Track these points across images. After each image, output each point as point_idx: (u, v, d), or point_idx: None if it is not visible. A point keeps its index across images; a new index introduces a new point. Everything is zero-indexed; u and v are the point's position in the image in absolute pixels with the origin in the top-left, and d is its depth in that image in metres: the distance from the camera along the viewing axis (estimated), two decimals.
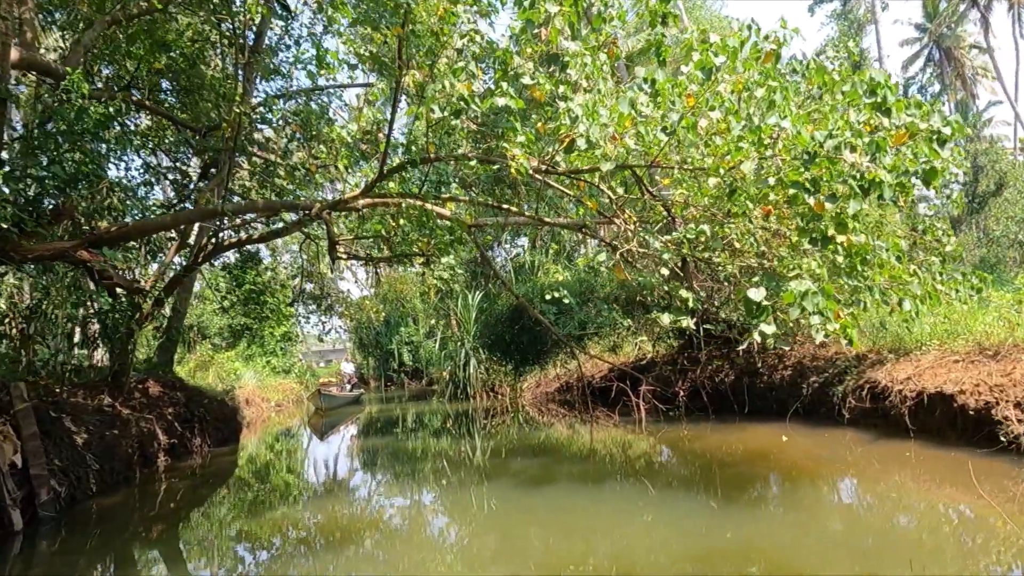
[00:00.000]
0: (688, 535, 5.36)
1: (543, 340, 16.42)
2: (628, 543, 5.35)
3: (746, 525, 5.33)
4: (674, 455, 8.68)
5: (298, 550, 5.95)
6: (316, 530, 6.55)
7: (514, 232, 24.66)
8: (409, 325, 35.42)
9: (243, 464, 11.37)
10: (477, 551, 5.69)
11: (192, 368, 26.05)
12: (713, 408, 11.37)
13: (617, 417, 12.11)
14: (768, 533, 5.14)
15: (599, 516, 6.05)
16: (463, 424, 15.38)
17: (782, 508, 5.96)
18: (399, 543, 6.00)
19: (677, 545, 5.21)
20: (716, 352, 12.00)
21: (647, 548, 5.20)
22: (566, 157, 8.06)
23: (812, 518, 5.56)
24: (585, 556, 5.06)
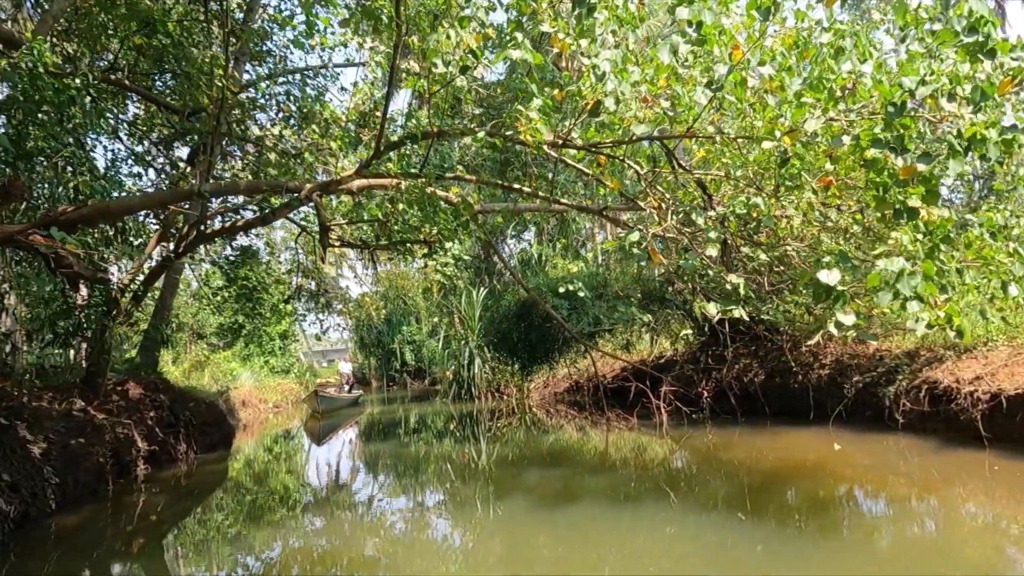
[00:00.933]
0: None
1: (552, 338, 15.49)
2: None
3: (811, 561, 4.40)
4: (707, 466, 7.71)
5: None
6: (304, 557, 5.63)
7: (520, 226, 23.74)
8: (411, 324, 34.52)
9: (232, 472, 10.45)
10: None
11: (187, 368, 25.18)
12: (741, 411, 10.44)
13: (636, 420, 11.18)
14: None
15: (630, 546, 5.12)
16: (467, 426, 14.47)
17: (857, 540, 5.02)
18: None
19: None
20: (744, 350, 11.06)
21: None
22: (583, 133, 7.15)
23: (894, 553, 4.62)
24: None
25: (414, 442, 12.18)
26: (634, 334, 16.16)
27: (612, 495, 6.52)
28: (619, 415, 11.93)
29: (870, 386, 8.57)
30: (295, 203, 7.91)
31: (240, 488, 9.07)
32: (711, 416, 10.81)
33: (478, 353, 19.38)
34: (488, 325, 19.35)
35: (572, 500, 6.44)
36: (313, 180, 8.66)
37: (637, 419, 11.22)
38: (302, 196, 7.79)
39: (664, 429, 10.50)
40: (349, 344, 46.72)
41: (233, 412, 20.24)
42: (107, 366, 10.27)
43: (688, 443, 9.28)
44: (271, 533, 6.48)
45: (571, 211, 17.17)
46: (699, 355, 11.90)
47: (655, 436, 10.17)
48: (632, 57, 5.73)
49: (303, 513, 7.47)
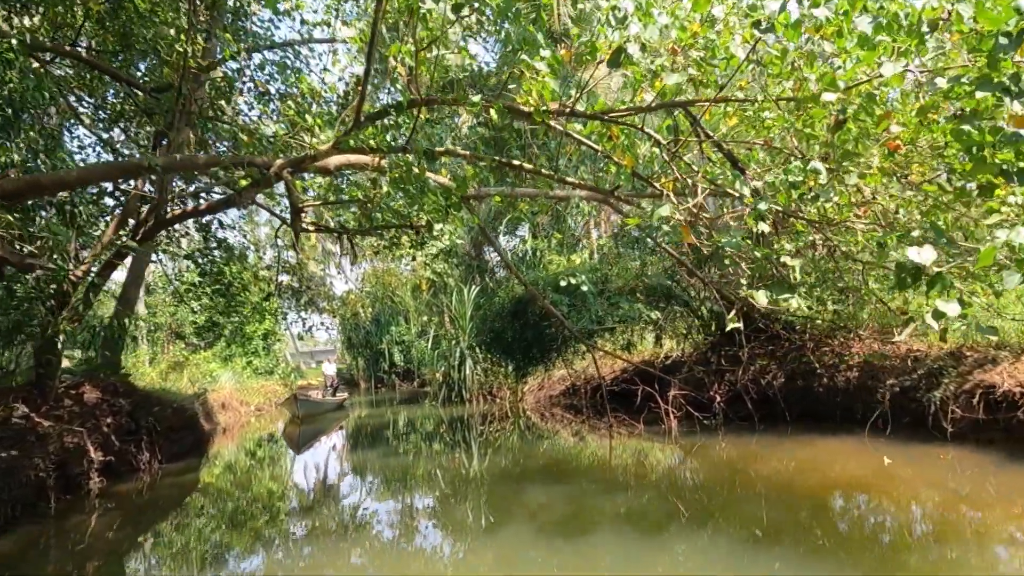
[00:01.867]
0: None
1: (549, 337, 14.56)
2: None
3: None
4: (730, 483, 6.73)
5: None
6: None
7: (512, 223, 22.80)
8: (400, 324, 33.48)
9: (199, 485, 9.42)
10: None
11: (164, 369, 24.05)
12: (759, 416, 9.55)
13: (642, 426, 10.25)
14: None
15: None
16: (458, 432, 13.51)
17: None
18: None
19: None
20: (759, 350, 10.17)
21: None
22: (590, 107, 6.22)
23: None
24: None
25: (401, 450, 11.19)
26: (635, 333, 15.24)
27: (626, 518, 5.59)
28: (622, 420, 11.01)
29: (909, 390, 7.69)
30: (263, 181, 6.93)
31: (203, 505, 8.06)
32: (724, 422, 9.92)
33: (469, 354, 18.41)
34: (480, 324, 18.39)
35: (576, 522, 5.49)
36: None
37: (644, 425, 10.31)
38: (271, 174, 6.81)
39: (674, 436, 9.59)
40: (337, 344, 45.64)
41: (211, 415, 19.16)
42: (58, 367, 9.23)
43: (702, 453, 8.36)
44: (234, 561, 5.51)
45: (569, 203, 16.24)
46: (709, 356, 11.00)
47: (664, 444, 9.24)
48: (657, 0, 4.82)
49: (270, 538, 6.48)
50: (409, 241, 11.10)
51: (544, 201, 8.88)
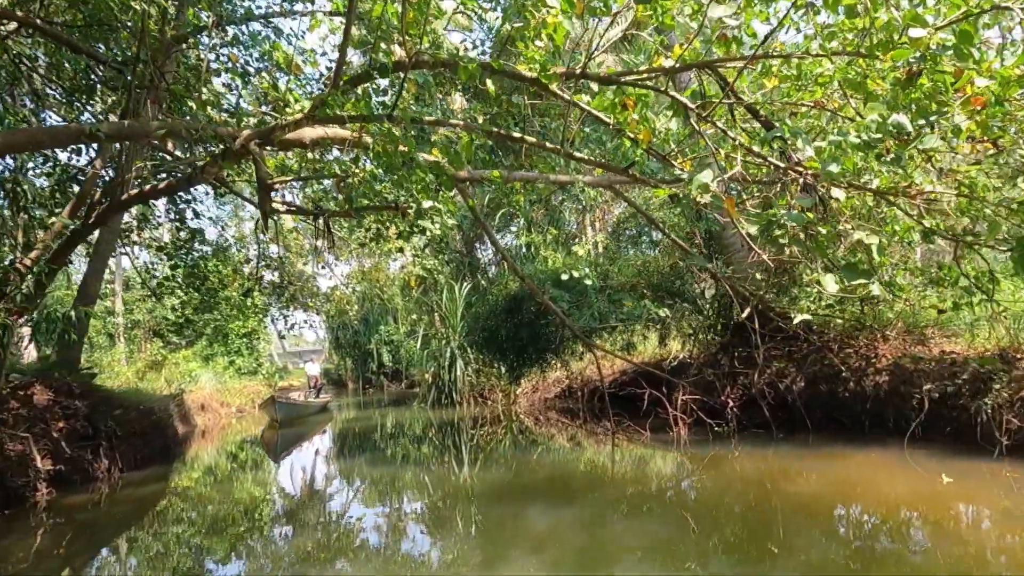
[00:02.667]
0: None
1: (546, 337, 13.73)
2: None
3: None
4: (777, 509, 5.88)
5: None
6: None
7: (505, 219, 21.95)
8: (389, 323, 32.57)
9: (162, 497, 8.50)
10: None
11: (140, 369, 23.02)
12: (777, 423, 8.77)
13: (648, 433, 9.44)
14: None
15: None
16: (447, 436, 12.65)
17: None
18: None
19: None
20: (777, 351, 9.37)
21: None
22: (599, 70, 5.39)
23: None
24: None
25: (386, 459, 10.31)
26: (635, 333, 14.44)
27: (651, 555, 4.75)
28: (626, 426, 10.19)
29: (950, 397, 6.91)
30: (227, 155, 6.05)
31: (161, 521, 7.15)
32: (738, 429, 9.12)
33: (460, 354, 17.54)
34: (472, 323, 17.55)
35: (591, 559, 4.65)
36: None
37: (650, 432, 9.49)
38: (236, 146, 5.94)
39: (683, 445, 8.78)
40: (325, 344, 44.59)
41: (188, 417, 18.22)
42: (2, 366, 8.30)
43: (718, 466, 7.54)
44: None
45: (569, 190, 15.37)
46: (719, 357, 10.19)
47: (673, 453, 8.44)
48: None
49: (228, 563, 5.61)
50: (396, 231, 10.24)
51: (545, 187, 8.04)
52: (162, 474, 9.98)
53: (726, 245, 10.01)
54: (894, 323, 8.82)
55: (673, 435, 9.25)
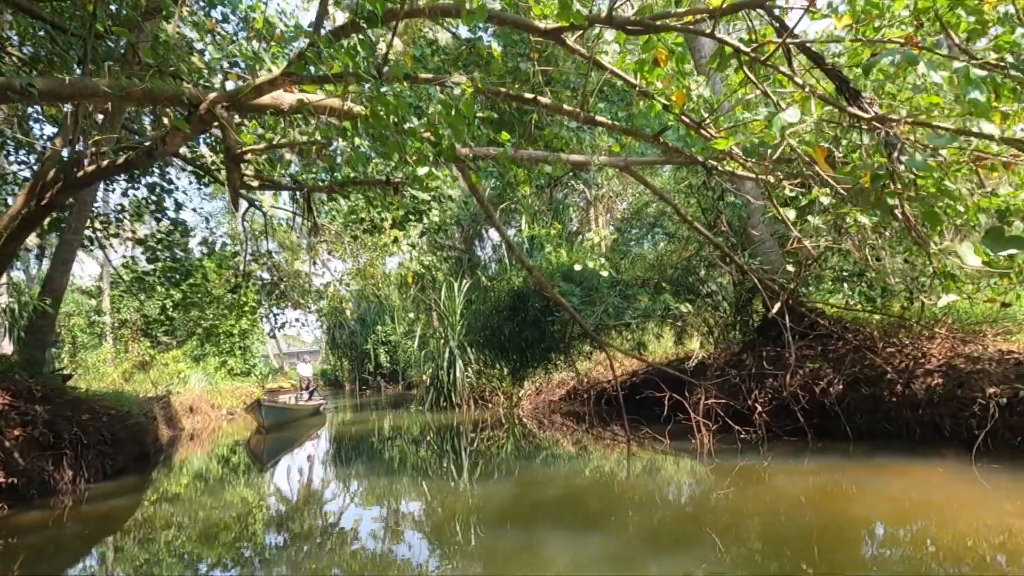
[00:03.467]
0: None
1: (551, 335, 12.85)
2: None
3: None
4: (848, 543, 4.98)
5: None
6: None
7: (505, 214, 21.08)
8: (387, 323, 31.75)
9: (130, 513, 7.61)
10: None
11: (127, 370, 22.15)
12: (813, 430, 7.91)
13: (668, 441, 8.57)
14: None
15: None
16: (446, 442, 11.79)
17: None
18: None
19: None
20: (809, 350, 8.51)
21: None
22: None
23: None
24: None
25: (379, 470, 9.44)
26: (646, 332, 13.58)
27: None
28: (644, 432, 9.33)
29: (1021, 402, 6.05)
30: (192, 122, 5.18)
31: (120, 545, 6.27)
32: (767, 437, 8.26)
33: (459, 354, 16.68)
34: (472, 322, 16.68)
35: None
36: None
37: (670, 439, 8.62)
38: (201, 111, 5.07)
39: (706, 454, 7.91)
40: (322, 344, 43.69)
41: (174, 420, 17.37)
42: None
43: (750, 479, 6.67)
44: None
45: (579, 178, 14.43)
46: (744, 357, 9.33)
47: (696, 464, 7.57)
48: None
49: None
50: (391, 221, 9.39)
51: (557, 167, 7.17)
52: (135, 485, 9.11)
53: (751, 235, 9.15)
54: (941, 318, 7.97)
55: (696, 443, 8.38)
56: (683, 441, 8.65)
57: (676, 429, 8.81)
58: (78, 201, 9.28)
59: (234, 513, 7.11)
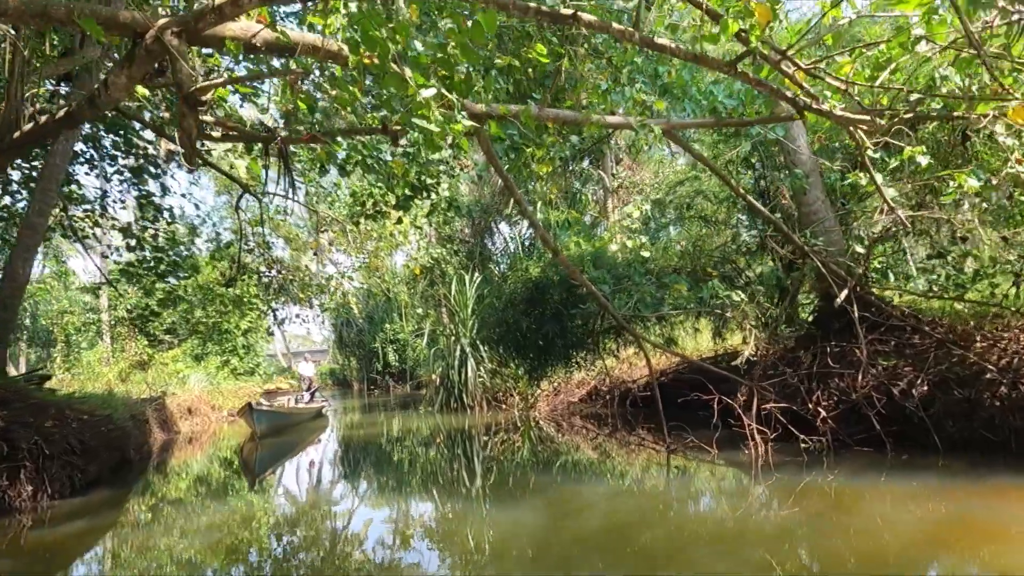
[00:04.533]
0: None
1: (573, 330, 11.66)
2: None
3: None
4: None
5: None
6: None
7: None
8: (395, 321, 30.67)
9: (93, 540, 6.49)
10: None
11: (124, 370, 21.18)
12: (892, 440, 6.69)
13: (716, 450, 7.37)
14: None
15: None
16: (457, 446, 10.68)
17: None
18: None
19: None
20: (882, 346, 7.28)
21: None
22: None
23: None
24: None
25: (382, 485, 8.31)
26: (676, 326, 12.39)
27: None
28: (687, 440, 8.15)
29: None
30: (135, 58, 4.05)
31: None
32: (834, 446, 7.06)
33: (471, 352, 15.54)
34: (485, 318, 15.53)
35: None
36: None
37: (717, 448, 7.42)
38: (148, 40, 3.94)
39: (761, 466, 6.73)
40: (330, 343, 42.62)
41: (169, 423, 16.33)
42: None
43: (826, 503, 5.47)
44: None
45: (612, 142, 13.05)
46: (800, 354, 8.10)
47: (753, 480, 6.39)
48: None
49: None
50: (395, 199, 8.24)
51: (592, 128, 5.99)
52: (104, 503, 7.98)
53: (808, 213, 7.93)
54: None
55: (749, 453, 7.19)
56: (733, 451, 7.47)
57: (722, 436, 7.62)
58: (43, 178, 8.21)
59: (207, 542, 5.98)
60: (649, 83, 6.69)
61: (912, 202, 6.18)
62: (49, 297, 23.76)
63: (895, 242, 7.57)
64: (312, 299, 13.62)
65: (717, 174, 6.96)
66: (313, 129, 4.56)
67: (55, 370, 19.15)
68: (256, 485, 8.63)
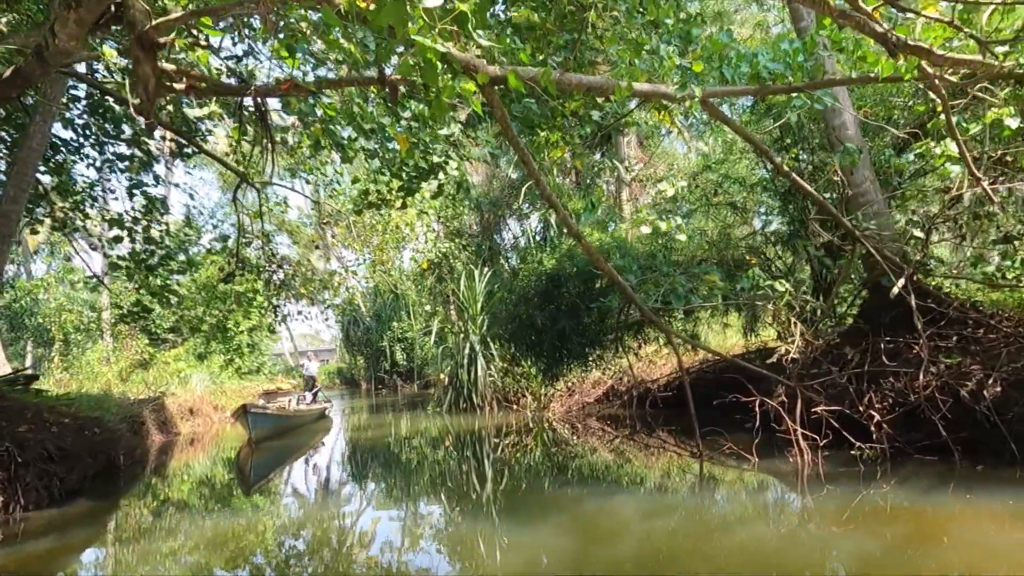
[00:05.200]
0: None
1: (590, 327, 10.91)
2: None
3: None
4: None
5: None
6: None
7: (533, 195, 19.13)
8: (403, 319, 30.03)
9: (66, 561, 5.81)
10: None
11: (124, 369, 20.60)
12: (961, 448, 5.92)
13: (756, 459, 6.62)
14: None
15: None
16: (467, 451, 9.98)
17: None
18: None
19: None
20: (941, 340, 6.50)
21: None
22: None
23: None
24: None
25: (386, 496, 7.61)
26: (700, 322, 11.64)
27: None
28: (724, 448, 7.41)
29: None
30: None
31: None
32: (889, 454, 6.29)
33: (482, 350, 14.83)
34: (495, 314, 14.82)
35: None
36: None
37: (757, 456, 6.66)
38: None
39: (807, 478, 5.98)
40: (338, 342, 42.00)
41: (168, 425, 15.73)
42: None
43: (900, 529, 4.72)
44: None
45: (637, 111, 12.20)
46: (846, 351, 7.31)
47: (801, 495, 5.64)
48: None
49: None
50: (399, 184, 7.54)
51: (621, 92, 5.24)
52: (84, 514, 7.29)
53: (856, 195, 7.16)
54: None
55: (794, 462, 6.43)
56: (773, 458, 6.72)
57: (760, 440, 6.86)
58: (18, 162, 7.56)
59: (188, 566, 5.27)
60: (681, 46, 5.97)
61: (990, 177, 5.42)
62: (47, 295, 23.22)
63: (955, 224, 6.78)
64: (315, 295, 12.86)
65: (759, 148, 6.21)
66: (292, 78, 3.82)
67: (53, 370, 18.54)
68: (250, 496, 7.92)
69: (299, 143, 9.88)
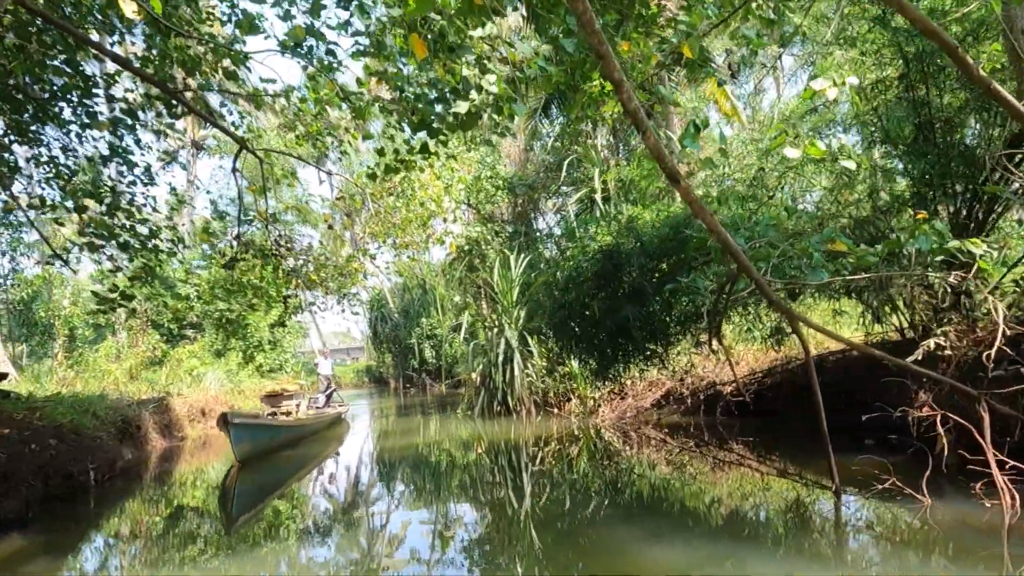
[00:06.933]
0: None
1: (656, 317, 8.92)
2: None
3: None
4: None
5: None
6: None
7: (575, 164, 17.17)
8: (432, 315, 28.41)
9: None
10: None
11: (133, 367, 19.20)
12: None
13: (929, 499, 4.60)
14: None
15: None
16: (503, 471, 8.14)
17: None
18: None
19: None
20: None
21: None
22: None
23: None
24: None
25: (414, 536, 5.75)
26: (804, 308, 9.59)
27: None
28: (856, 467, 5.37)
29: None
30: None
31: None
32: None
33: (519, 347, 12.96)
34: (534, 306, 12.92)
35: None
36: None
37: (929, 494, 4.63)
38: None
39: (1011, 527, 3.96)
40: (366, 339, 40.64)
41: (173, 428, 14.21)
42: None
43: None
44: None
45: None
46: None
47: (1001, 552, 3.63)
48: None
49: None
50: (419, 118, 5.67)
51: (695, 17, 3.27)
52: (29, 549, 5.55)
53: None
54: None
55: (988, 507, 4.40)
56: (946, 496, 4.69)
57: (928, 471, 4.82)
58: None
59: None
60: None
61: None
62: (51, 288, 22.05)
63: None
64: (328, 283, 11.12)
65: (940, 40, 4.15)
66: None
67: (56, 368, 17.23)
68: (230, 535, 6.06)
69: (304, 98, 8.19)
